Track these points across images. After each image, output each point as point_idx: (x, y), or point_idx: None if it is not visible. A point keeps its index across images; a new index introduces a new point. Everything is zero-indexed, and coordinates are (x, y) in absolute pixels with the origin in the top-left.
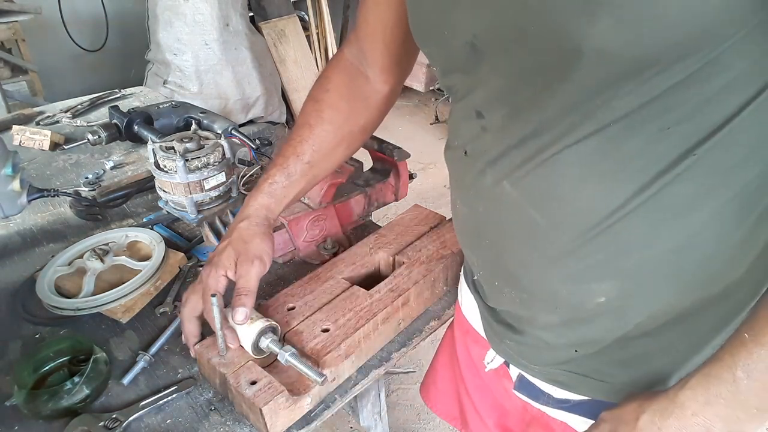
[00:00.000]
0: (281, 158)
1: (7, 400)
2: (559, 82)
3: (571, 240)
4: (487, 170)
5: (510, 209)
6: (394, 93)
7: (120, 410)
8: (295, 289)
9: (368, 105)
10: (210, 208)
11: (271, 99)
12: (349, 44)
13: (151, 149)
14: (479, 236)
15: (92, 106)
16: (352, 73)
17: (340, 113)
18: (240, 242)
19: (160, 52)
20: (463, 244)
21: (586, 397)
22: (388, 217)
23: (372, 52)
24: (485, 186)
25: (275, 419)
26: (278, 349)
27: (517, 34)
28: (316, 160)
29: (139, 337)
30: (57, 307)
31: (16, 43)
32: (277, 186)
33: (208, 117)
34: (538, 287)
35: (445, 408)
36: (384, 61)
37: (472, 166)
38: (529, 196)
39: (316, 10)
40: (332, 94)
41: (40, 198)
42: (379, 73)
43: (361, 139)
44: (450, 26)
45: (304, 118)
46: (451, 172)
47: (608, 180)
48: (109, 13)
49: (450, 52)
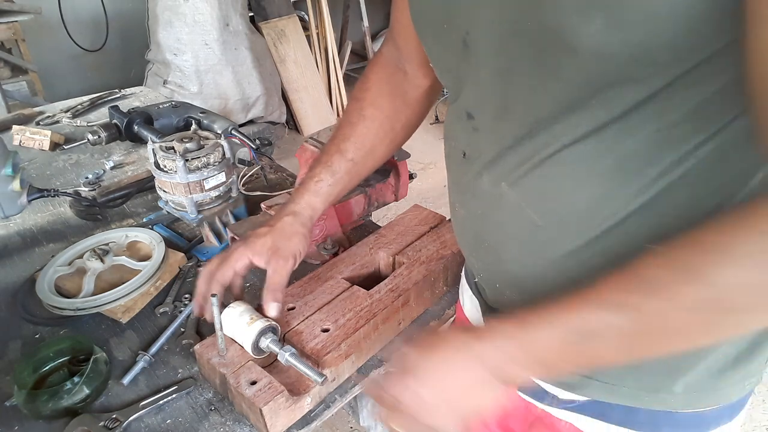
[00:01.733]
0: (325, 156)
1: (7, 400)
2: (553, 81)
3: (570, 241)
4: (484, 172)
5: (509, 211)
6: (434, 88)
7: (120, 410)
8: (295, 289)
9: (408, 101)
10: (210, 208)
11: (271, 99)
12: (386, 43)
13: (151, 149)
14: (479, 239)
15: (92, 106)
16: (390, 70)
17: (381, 110)
18: (281, 237)
19: (160, 52)
20: (463, 246)
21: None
22: (388, 217)
23: (407, 48)
24: (483, 188)
25: (275, 419)
26: (278, 349)
27: (510, 31)
28: (359, 158)
29: (139, 337)
30: (57, 307)
31: (16, 43)
32: (322, 185)
33: (208, 117)
34: (539, 289)
35: None
36: (420, 56)
37: (469, 168)
38: (527, 198)
39: (316, 10)
40: (372, 92)
41: (40, 198)
42: (417, 69)
43: (404, 135)
44: (447, 20)
45: (347, 116)
46: (449, 175)
47: (607, 181)
48: (109, 13)
49: (445, 48)
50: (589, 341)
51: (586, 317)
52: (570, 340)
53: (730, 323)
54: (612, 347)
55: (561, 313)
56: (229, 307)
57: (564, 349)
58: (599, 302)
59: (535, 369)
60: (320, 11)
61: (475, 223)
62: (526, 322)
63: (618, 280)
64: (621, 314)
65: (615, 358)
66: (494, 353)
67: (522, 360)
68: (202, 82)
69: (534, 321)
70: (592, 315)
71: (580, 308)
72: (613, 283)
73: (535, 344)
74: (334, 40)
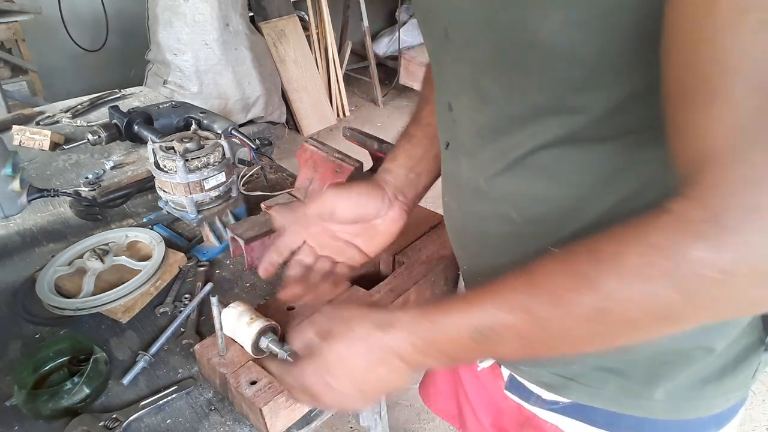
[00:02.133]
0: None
1: (7, 400)
2: (524, 79)
3: (544, 240)
4: (464, 165)
5: (489, 205)
6: None
7: (120, 410)
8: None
9: None
10: (210, 208)
11: (271, 99)
12: None
13: (151, 149)
14: (464, 230)
15: (92, 106)
16: None
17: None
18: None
19: (160, 52)
20: (451, 238)
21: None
22: None
23: None
24: (465, 180)
25: (275, 419)
26: (278, 349)
27: (483, 23)
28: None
29: (139, 337)
30: (57, 307)
31: (16, 43)
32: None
33: (208, 117)
34: None
35: (444, 407)
36: None
37: (453, 159)
38: (503, 194)
39: (316, 10)
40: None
41: (40, 198)
42: None
43: None
44: (430, 9)
45: (421, 95)
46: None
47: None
48: (109, 13)
49: (431, 37)
50: (487, 338)
51: (485, 315)
52: (470, 336)
53: (617, 334)
54: (509, 345)
55: (463, 309)
56: (229, 307)
57: (465, 344)
58: (497, 301)
59: (440, 359)
60: (320, 11)
61: (461, 214)
62: (431, 315)
63: (516, 280)
64: (515, 315)
65: (513, 354)
66: (400, 343)
67: (426, 351)
68: (202, 82)
69: (437, 315)
70: (490, 313)
71: (480, 306)
72: (511, 283)
73: (439, 338)
74: (334, 40)
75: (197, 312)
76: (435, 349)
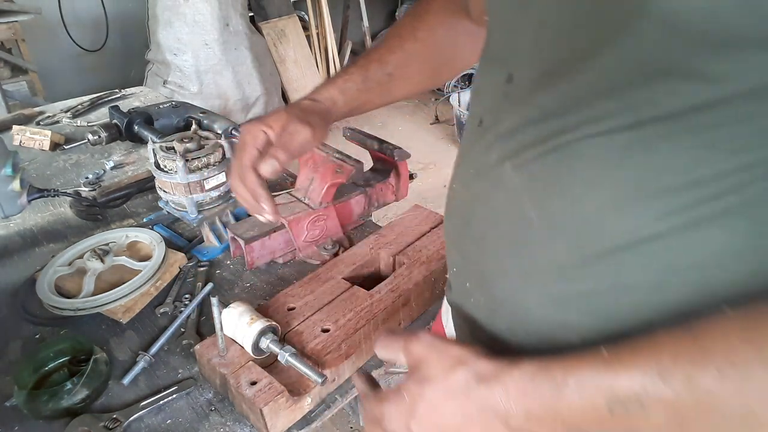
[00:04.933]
0: (363, 60)
1: (7, 400)
2: (608, 51)
3: (564, 253)
4: (495, 144)
5: (505, 199)
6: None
7: (120, 410)
8: (295, 290)
9: (461, 43)
10: (210, 208)
11: (271, 99)
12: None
13: (151, 149)
14: (466, 225)
15: (92, 106)
16: (455, 6)
17: (434, 39)
18: (296, 109)
19: (160, 52)
20: (447, 233)
21: None
22: (388, 217)
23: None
24: (488, 164)
25: (275, 419)
26: (278, 350)
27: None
28: (397, 75)
29: (139, 338)
30: (57, 307)
31: (16, 43)
32: (351, 85)
33: (208, 117)
34: (510, 300)
35: None
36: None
37: (481, 138)
38: (528, 188)
39: (316, 10)
40: (431, 16)
41: (40, 198)
42: (479, 16)
43: (444, 76)
44: None
45: (397, 30)
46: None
47: (625, 193)
48: (109, 13)
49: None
50: (630, 411)
51: (632, 381)
52: (608, 406)
53: None
54: (655, 422)
55: (602, 370)
56: (229, 307)
57: (598, 415)
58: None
59: (557, 429)
60: (320, 11)
61: (468, 204)
62: (554, 372)
63: (679, 342)
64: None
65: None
66: (508, 405)
67: (542, 418)
68: (202, 82)
69: (564, 374)
70: (639, 380)
71: (626, 368)
72: (668, 342)
73: (563, 404)
74: (334, 40)
75: (197, 312)
76: (554, 418)
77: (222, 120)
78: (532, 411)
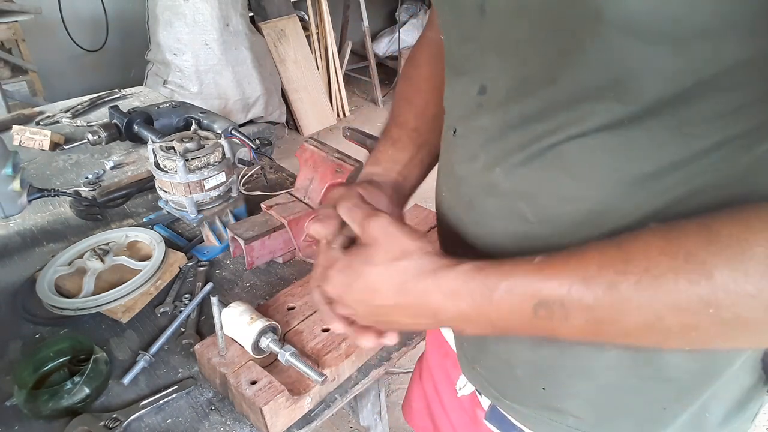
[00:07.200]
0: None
1: (8, 400)
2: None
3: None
4: (481, 153)
5: (499, 202)
6: None
7: (120, 410)
8: (295, 289)
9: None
10: (210, 208)
11: (271, 99)
12: (430, 25)
13: (151, 149)
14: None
15: (92, 106)
16: (435, 50)
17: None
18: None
19: (160, 52)
20: (441, 238)
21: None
22: None
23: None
24: (475, 171)
25: (275, 419)
26: (278, 349)
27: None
28: (422, 128)
29: (139, 337)
30: (57, 307)
31: (16, 43)
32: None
33: (208, 117)
34: None
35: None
36: None
37: (461, 147)
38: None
39: (316, 10)
40: (423, 69)
41: (40, 198)
42: None
43: None
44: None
45: (401, 95)
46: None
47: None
48: (109, 13)
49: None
50: (553, 313)
51: (558, 286)
52: (533, 309)
53: (719, 334)
54: (575, 325)
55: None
56: (229, 307)
57: (523, 317)
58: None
59: (485, 329)
60: (320, 11)
61: (460, 211)
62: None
63: (602, 251)
64: (595, 292)
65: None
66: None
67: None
68: (202, 82)
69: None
70: (565, 285)
71: (555, 274)
72: (595, 253)
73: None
74: (334, 40)
75: (197, 312)
76: (483, 317)
77: (222, 120)
78: (462, 310)
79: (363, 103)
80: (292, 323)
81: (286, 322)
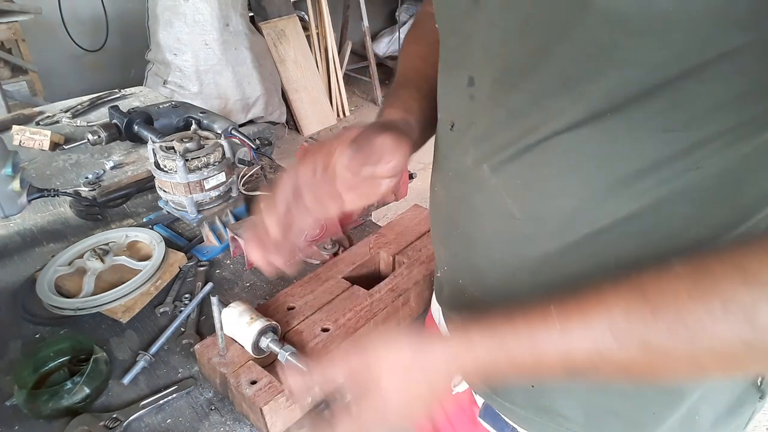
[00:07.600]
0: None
1: (8, 400)
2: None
3: (547, 242)
4: (471, 148)
5: (488, 198)
6: None
7: (120, 410)
8: (295, 289)
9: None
10: (210, 208)
11: (271, 99)
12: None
13: (151, 149)
14: (452, 225)
15: (92, 106)
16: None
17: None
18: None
19: (160, 52)
20: (434, 233)
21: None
22: (388, 217)
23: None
24: (466, 166)
25: (275, 419)
26: (278, 349)
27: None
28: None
29: (139, 337)
30: (57, 307)
31: (16, 43)
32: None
33: (208, 117)
34: (504, 291)
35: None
36: None
37: (457, 142)
38: (507, 186)
39: (316, 10)
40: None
41: (40, 198)
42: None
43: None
44: None
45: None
46: (435, 151)
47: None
48: (109, 13)
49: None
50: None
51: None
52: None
53: (759, 362)
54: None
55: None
56: (229, 307)
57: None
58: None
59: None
60: (320, 11)
61: (452, 206)
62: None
63: (623, 298)
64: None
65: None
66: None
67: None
68: (202, 82)
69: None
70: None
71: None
72: (616, 302)
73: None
74: (334, 40)
75: (197, 312)
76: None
77: (222, 120)
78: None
79: (363, 103)
80: (292, 323)
81: (286, 322)
